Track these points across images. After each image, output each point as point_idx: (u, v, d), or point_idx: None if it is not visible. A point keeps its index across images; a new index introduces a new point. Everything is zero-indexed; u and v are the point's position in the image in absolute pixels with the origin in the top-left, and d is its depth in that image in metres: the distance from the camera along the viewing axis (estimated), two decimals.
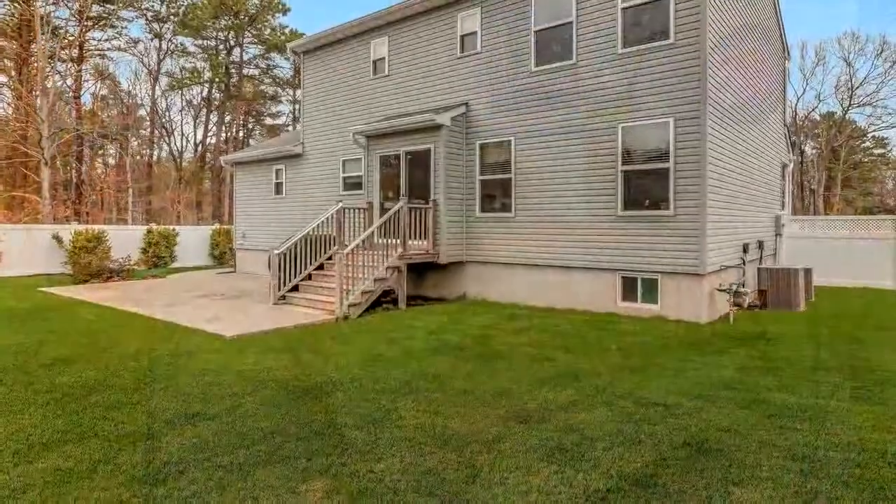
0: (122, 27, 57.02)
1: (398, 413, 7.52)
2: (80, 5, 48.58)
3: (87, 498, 5.29)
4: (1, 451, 6.32)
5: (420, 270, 19.77)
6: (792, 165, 28.09)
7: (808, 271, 18.52)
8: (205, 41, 62.25)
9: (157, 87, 61.21)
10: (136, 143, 62.97)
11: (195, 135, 66.46)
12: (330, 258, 18.30)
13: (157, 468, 5.88)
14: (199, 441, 6.60)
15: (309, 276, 18.05)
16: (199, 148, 65.48)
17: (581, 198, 16.39)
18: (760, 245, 19.99)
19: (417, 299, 18.88)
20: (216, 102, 64.29)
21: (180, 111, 65.65)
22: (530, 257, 17.48)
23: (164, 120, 64.11)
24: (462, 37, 19.15)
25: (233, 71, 63.59)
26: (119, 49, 57.65)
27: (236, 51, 63.83)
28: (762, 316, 15.91)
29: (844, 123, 65.50)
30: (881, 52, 59.43)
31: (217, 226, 36.37)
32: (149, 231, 31.53)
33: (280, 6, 62.32)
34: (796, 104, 64.02)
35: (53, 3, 46.03)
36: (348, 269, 15.70)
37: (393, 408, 7.74)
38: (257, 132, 71.10)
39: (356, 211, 19.64)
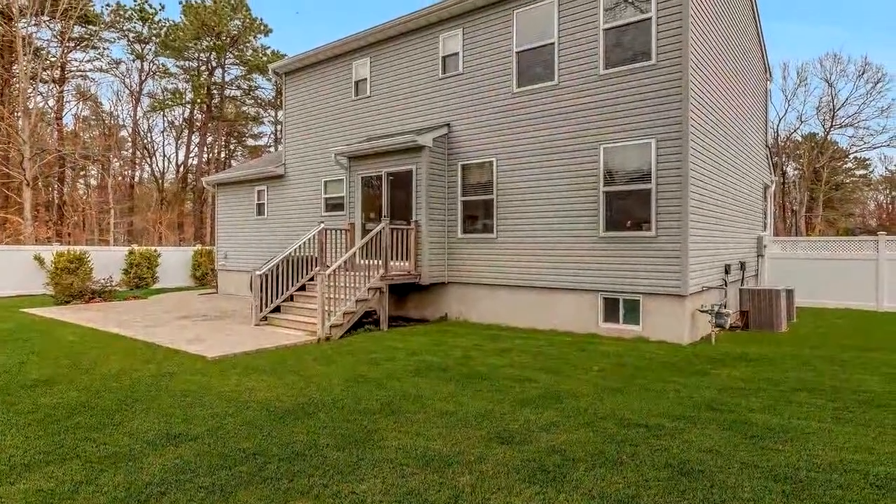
0: (103, 48, 57.01)
1: (380, 434, 7.48)
2: (62, 26, 48.40)
3: None
4: None
5: (402, 291, 19.76)
6: (774, 186, 28.18)
7: (789, 292, 18.55)
8: (186, 62, 62.22)
9: (138, 108, 61.11)
10: (117, 164, 62.81)
11: (177, 156, 66.19)
12: (312, 279, 18.32)
13: (138, 489, 5.84)
14: (181, 462, 6.56)
15: (291, 297, 18.04)
16: (181, 169, 65.24)
17: (563, 219, 16.40)
18: (742, 266, 20.02)
19: (399, 320, 18.85)
20: (198, 123, 64.17)
21: (162, 132, 65.86)
22: (512, 278, 17.47)
23: (145, 141, 63.90)
24: (444, 58, 19.21)
25: (214, 92, 63.48)
26: (101, 70, 57.54)
27: (218, 72, 63.78)
28: (744, 337, 15.94)
29: (826, 144, 65.81)
30: (863, 73, 59.76)
31: (199, 247, 36.29)
32: (131, 252, 31.49)
33: (262, 27, 62.35)
34: (778, 125, 64.34)
35: (35, 25, 45.88)
36: (330, 289, 15.68)
37: (375, 429, 7.71)
38: (239, 153, 71.01)
39: (338, 232, 19.61)
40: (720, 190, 17.53)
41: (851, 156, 72.22)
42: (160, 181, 64.27)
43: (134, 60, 59.87)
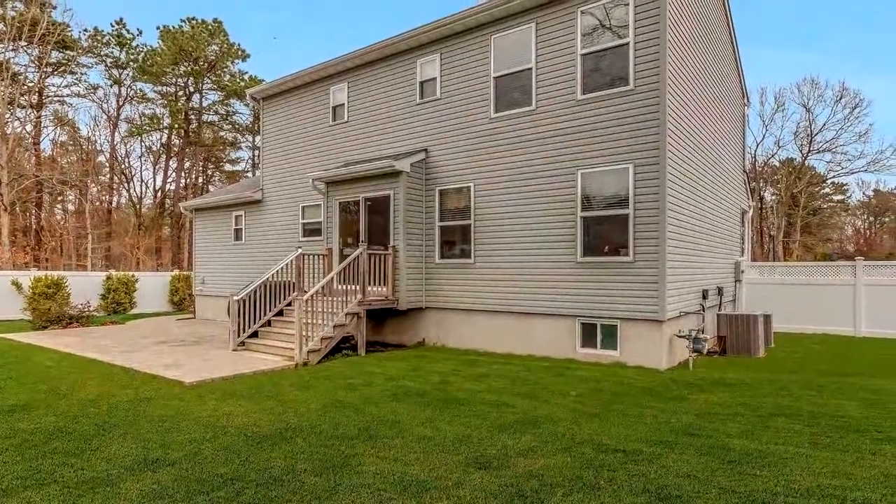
0: (81, 73, 56.87)
1: (358, 459, 7.42)
2: (39, 51, 48.37)
3: None
4: None
5: (380, 316, 19.69)
6: (751, 211, 28.33)
7: (767, 317, 18.58)
8: (164, 87, 62.11)
9: (116, 133, 60.89)
10: (95, 189, 62.58)
11: (154, 181, 65.99)
12: (290, 304, 18.27)
13: None
14: (159, 487, 6.50)
15: (269, 323, 18.00)
16: (159, 194, 65.03)
17: (541, 244, 16.40)
18: (720, 291, 20.07)
19: (377, 345, 18.78)
20: (175, 148, 64.08)
21: (140, 157, 65.69)
22: (490, 304, 17.44)
23: (123, 166, 63.66)
24: (422, 83, 19.25)
25: (192, 117, 63.41)
26: (78, 95, 57.40)
27: (196, 97, 63.71)
28: (722, 362, 15.95)
29: (804, 170, 66.15)
30: (840, 99, 60.12)
31: (177, 272, 36.19)
32: (108, 277, 31.34)
33: (239, 53, 62.44)
34: (756, 150, 64.65)
35: (13, 50, 45.79)
36: (308, 315, 15.57)
37: (352, 454, 7.64)
38: (217, 178, 70.83)
39: (316, 257, 19.56)
40: (698, 215, 17.58)
41: (829, 181, 72.63)
42: (138, 206, 64.06)
43: (111, 86, 59.79)
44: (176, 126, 61.89)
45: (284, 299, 18.49)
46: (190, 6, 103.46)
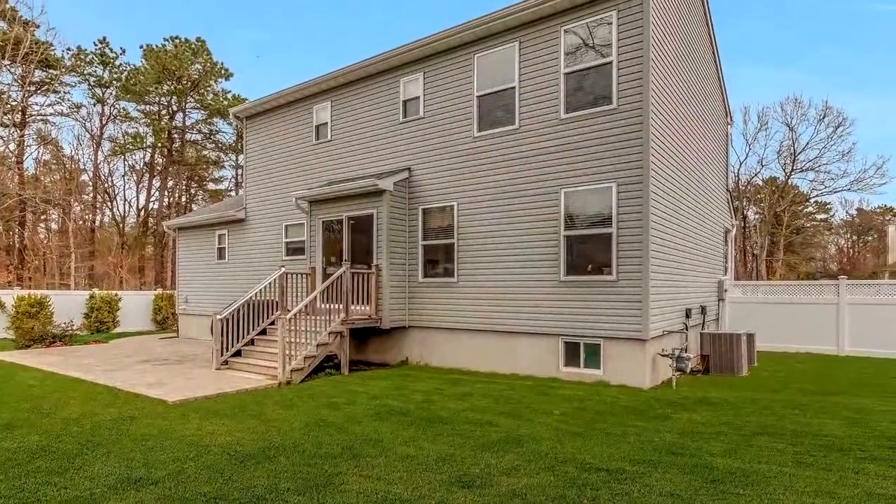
0: (64, 92, 56.65)
1: (341, 478, 7.40)
2: (22, 70, 48.20)
3: None
4: None
5: (363, 335, 19.64)
6: (734, 230, 28.44)
7: (750, 336, 18.61)
8: (147, 106, 61.95)
9: (99, 152, 60.70)
10: (78, 208, 62.28)
11: (138, 200, 65.76)
12: (273, 323, 18.16)
13: None
14: None
15: (252, 342, 17.94)
16: (142, 213, 64.85)
17: (524, 263, 16.39)
18: (703, 310, 20.10)
19: (360, 364, 18.71)
20: (159, 167, 63.90)
21: (123, 176, 65.07)
22: (473, 323, 17.41)
23: (106, 185, 63.44)
24: (405, 102, 19.26)
25: (175, 136, 63.27)
26: (62, 114, 57.10)
27: (179, 116, 63.57)
28: (705, 381, 15.96)
29: (787, 188, 66.41)
30: (823, 118, 60.39)
31: (160, 291, 36.14)
32: (91, 296, 31.14)
33: (222, 71, 62.40)
34: (739, 169, 64.89)
35: None
36: (291, 334, 15.55)
37: (335, 473, 7.62)
38: (200, 197, 70.69)
39: (299, 276, 19.48)
40: (681, 234, 17.61)
41: (812, 200, 72.96)
42: (121, 225, 63.85)
43: (95, 104, 59.62)
44: (159, 145, 61.78)
45: (268, 318, 18.41)
46: (173, 25, 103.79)
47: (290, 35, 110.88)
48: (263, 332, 18.25)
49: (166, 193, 65.29)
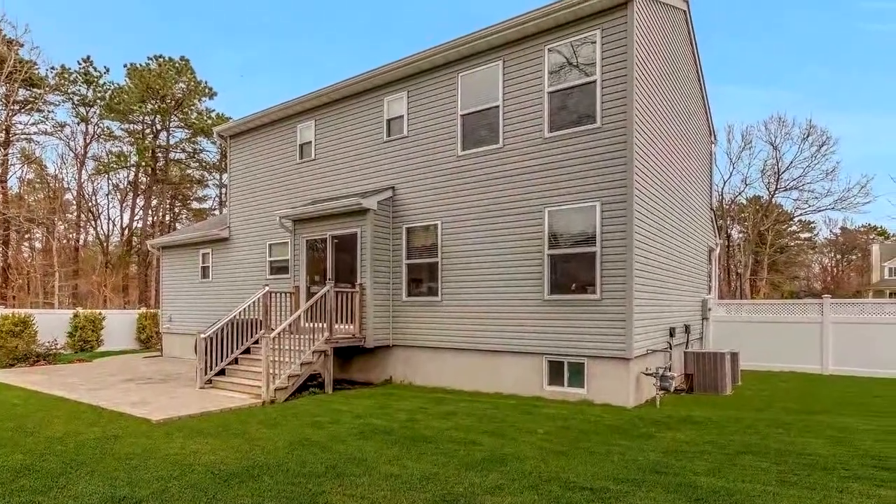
0: (48, 111, 56.75)
1: (325, 497, 7.38)
2: (6, 89, 48.14)
3: None
4: None
5: (347, 354, 19.54)
6: (718, 249, 28.48)
7: (734, 355, 18.62)
8: (131, 125, 61.98)
9: (83, 171, 60.66)
10: (62, 227, 62.23)
11: (122, 219, 65.80)
12: (257, 342, 18.11)
13: None
14: None
15: (236, 360, 17.86)
16: (126, 232, 64.80)
17: (508, 281, 16.37)
18: (687, 329, 20.10)
19: (344, 383, 18.64)
20: (143, 186, 63.95)
21: (107, 195, 65.07)
22: (457, 341, 17.37)
23: (90, 204, 63.44)
24: (389, 120, 19.27)
25: (159, 155, 63.33)
26: (46, 133, 57.12)
27: (163, 134, 63.69)
28: (689, 400, 15.94)
29: (771, 207, 66.70)
30: (807, 136, 60.74)
31: (144, 310, 35.98)
32: (75, 315, 30.93)
33: (206, 90, 62.58)
34: (723, 188, 65.22)
35: None
36: (275, 352, 15.49)
37: (319, 492, 7.59)
38: (184, 216, 70.65)
39: (283, 295, 19.42)
40: (665, 253, 17.63)
41: (796, 219, 73.44)
42: (105, 244, 63.79)
43: (79, 123, 59.66)
44: (143, 164, 61.82)
45: (251, 337, 18.34)
46: (157, 44, 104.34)
47: (274, 54, 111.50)
48: (247, 350, 18.17)
49: (150, 212, 65.31)
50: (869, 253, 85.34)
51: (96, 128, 61.07)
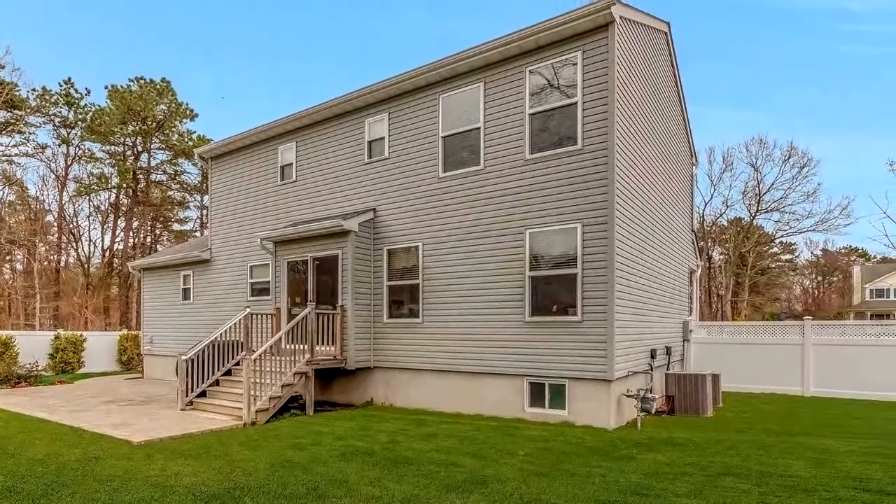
0: (29, 133, 56.65)
1: None
2: None
3: None
4: None
5: (328, 376, 19.48)
6: (699, 271, 28.55)
7: (715, 377, 18.64)
8: (112, 147, 61.87)
9: (64, 193, 60.49)
10: (43, 248, 61.99)
11: (103, 240, 65.57)
12: (238, 364, 18.12)
13: None
14: None
15: (217, 382, 17.86)
16: (107, 253, 64.61)
17: (489, 303, 16.36)
18: (668, 350, 20.12)
19: (325, 405, 18.58)
20: (124, 208, 63.75)
21: (88, 217, 64.91)
22: (438, 363, 17.33)
23: (71, 225, 63.29)
24: (370, 142, 19.29)
25: (140, 176, 63.17)
26: (27, 154, 57.04)
27: (144, 156, 63.54)
28: (670, 422, 15.93)
29: (752, 229, 66.98)
30: (788, 158, 61.13)
31: (125, 331, 35.88)
32: (56, 337, 30.95)
33: (187, 112, 62.55)
34: (704, 210, 65.45)
35: None
36: (256, 374, 15.44)
37: None
38: (165, 238, 70.55)
39: (264, 317, 19.35)
40: (646, 274, 17.66)
41: (777, 240, 73.68)
42: (86, 266, 63.60)
43: (60, 145, 59.48)
44: (124, 185, 61.65)
45: (233, 359, 18.34)
46: (138, 66, 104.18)
47: (256, 76, 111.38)
48: (229, 372, 18.17)
49: (131, 234, 65.07)
50: (850, 275, 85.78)
51: (77, 149, 60.98)
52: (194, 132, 63.70)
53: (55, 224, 62.79)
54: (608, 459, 10.81)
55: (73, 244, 64.70)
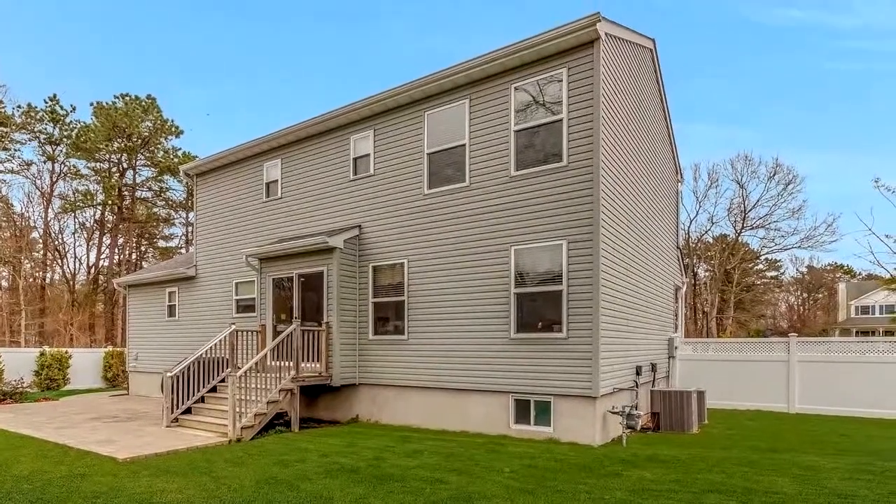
0: (14, 150, 56.55)
1: None
2: None
3: None
4: None
5: (313, 393, 19.43)
6: (685, 288, 28.58)
7: (700, 394, 18.64)
8: (98, 163, 61.88)
9: (50, 210, 60.39)
10: (28, 265, 61.88)
11: (88, 257, 65.41)
12: (223, 380, 18.08)
13: None
14: None
15: (202, 399, 17.83)
16: (92, 270, 64.43)
17: (474, 320, 16.34)
18: (653, 367, 20.11)
19: (310, 422, 18.55)
20: (109, 225, 63.67)
21: (73, 233, 64.72)
22: (423, 380, 17.30)
23: (56, 242, 63.13)
24: (355, 159, 19.31)
25: (126, 193, 63.16)
26: (12, 171, 57.02)
27: (129, 173, 63.58)
28: (655, 438, 15.93)
29: (737, 246, 67.17)
30: (774, 175, 61.35)
31: (110, 348, 35.63)
32: (42, 353, 30.79)
33: (173, 129, 62.57)
34: (689, 226, 65.67)
35: None
36: (241, 391, 15.48)
37: None
38: (150, 254, 70.39)
39: (250, 333, 19.29)
40: (631, 291, 17.67)
41: (763, 257, 73.91)
42: (71, 282, 63.40)
43: (45, 162, 59.50)
44: (109, 202, 61.55)
45: (218, 375, 18.32)
46: (124, 82, 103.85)
47: (241, 93, 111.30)
48: (214, 389, 18.14)
49: (117, 251, 65.02)
50: (835, 291, 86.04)
51: (63, 166, 60.93)
52: (180, 149, 63.83)
53: (40, 241, 62.69)
54: (594, 476, 10.79)
55: (59, 261, 64.54)
